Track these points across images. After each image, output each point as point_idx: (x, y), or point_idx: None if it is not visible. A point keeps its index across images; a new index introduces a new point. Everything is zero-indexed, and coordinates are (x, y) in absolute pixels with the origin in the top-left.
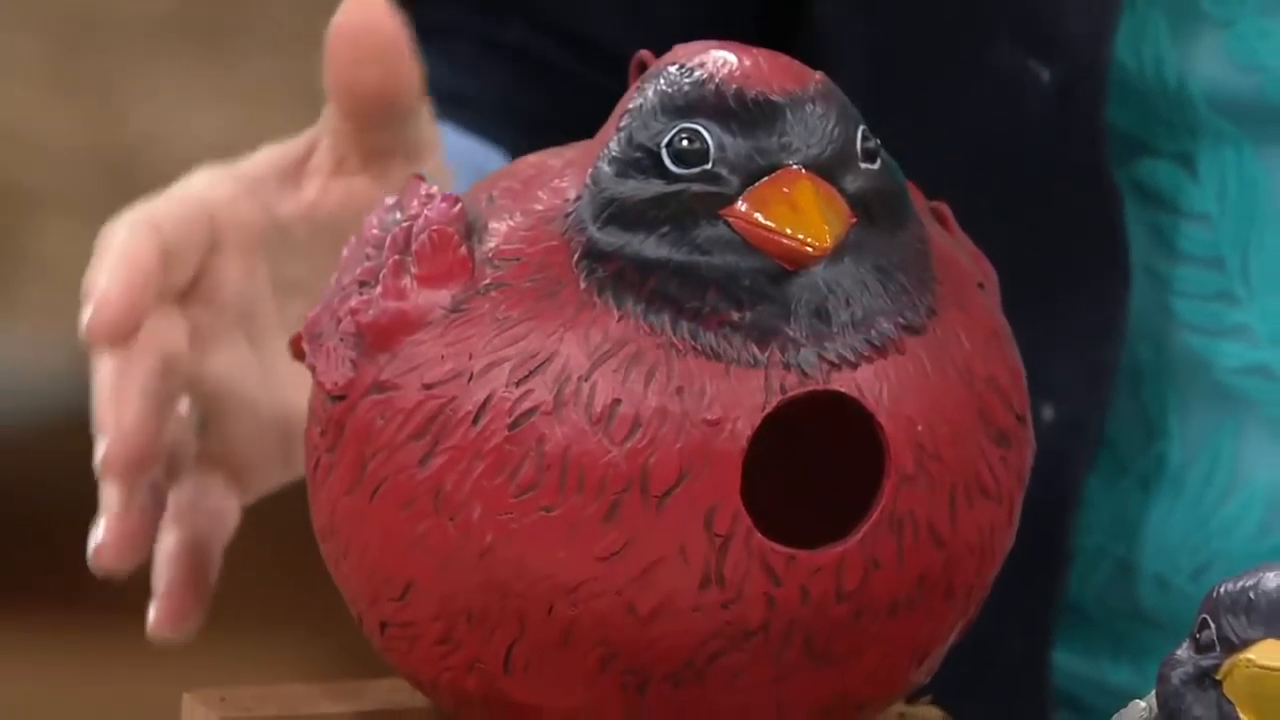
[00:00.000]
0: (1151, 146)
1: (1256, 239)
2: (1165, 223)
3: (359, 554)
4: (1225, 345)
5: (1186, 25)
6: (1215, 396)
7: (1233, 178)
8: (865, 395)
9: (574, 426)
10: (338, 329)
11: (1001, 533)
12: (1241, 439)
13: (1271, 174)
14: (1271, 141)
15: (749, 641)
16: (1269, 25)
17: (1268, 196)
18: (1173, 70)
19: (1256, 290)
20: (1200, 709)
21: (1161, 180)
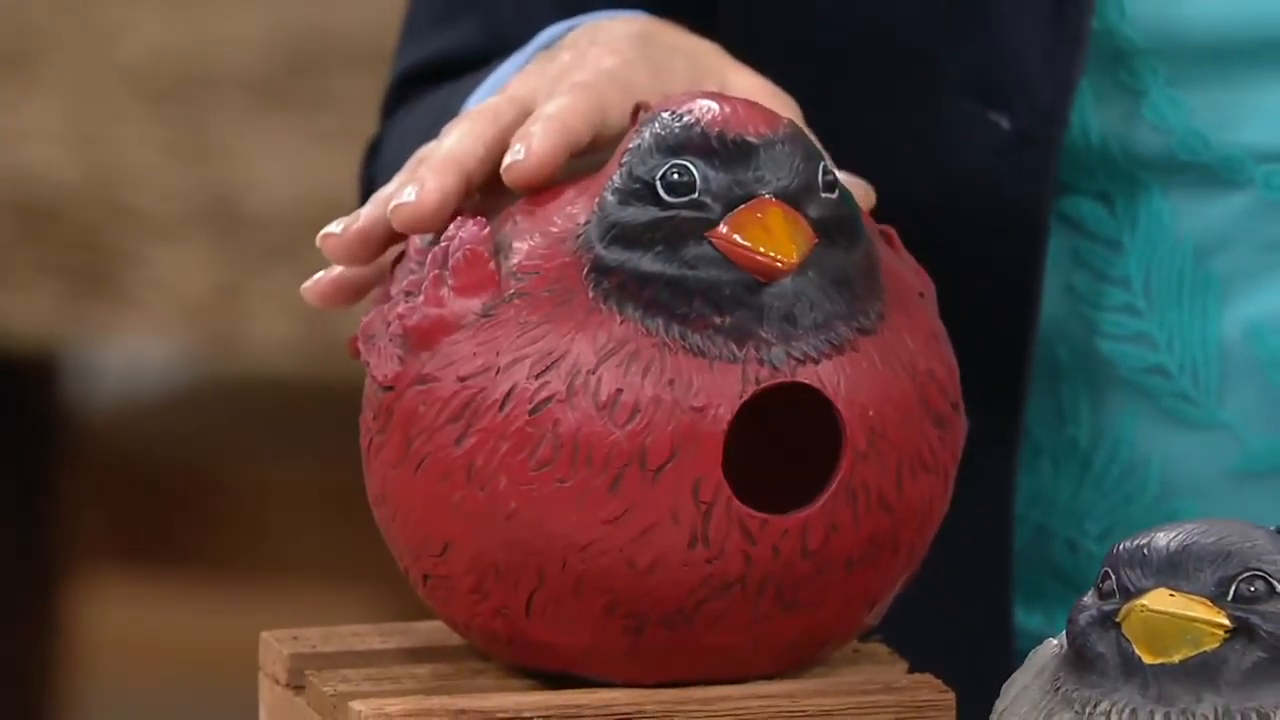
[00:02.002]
0: (1076, 186)
1: (1158, 263)
2: (1084, 248)
3: (405, 518)
4: (1130, 349)
5: (1108, 93)
6: (1120, 390)
7: (1143, 213)
8: (826, 386)
9: (584, 412)
10: (387, 331)
11: (940, 500)
12: (1141, 425)
13: (1175, 211)
14: (1176, 186)
15: (729, 591)
16: (1177, 95)
17: (1170, 229)
18: (1096, 130)
19: (1156, 305)
20: (1103, 646)
21: (1084, 213)
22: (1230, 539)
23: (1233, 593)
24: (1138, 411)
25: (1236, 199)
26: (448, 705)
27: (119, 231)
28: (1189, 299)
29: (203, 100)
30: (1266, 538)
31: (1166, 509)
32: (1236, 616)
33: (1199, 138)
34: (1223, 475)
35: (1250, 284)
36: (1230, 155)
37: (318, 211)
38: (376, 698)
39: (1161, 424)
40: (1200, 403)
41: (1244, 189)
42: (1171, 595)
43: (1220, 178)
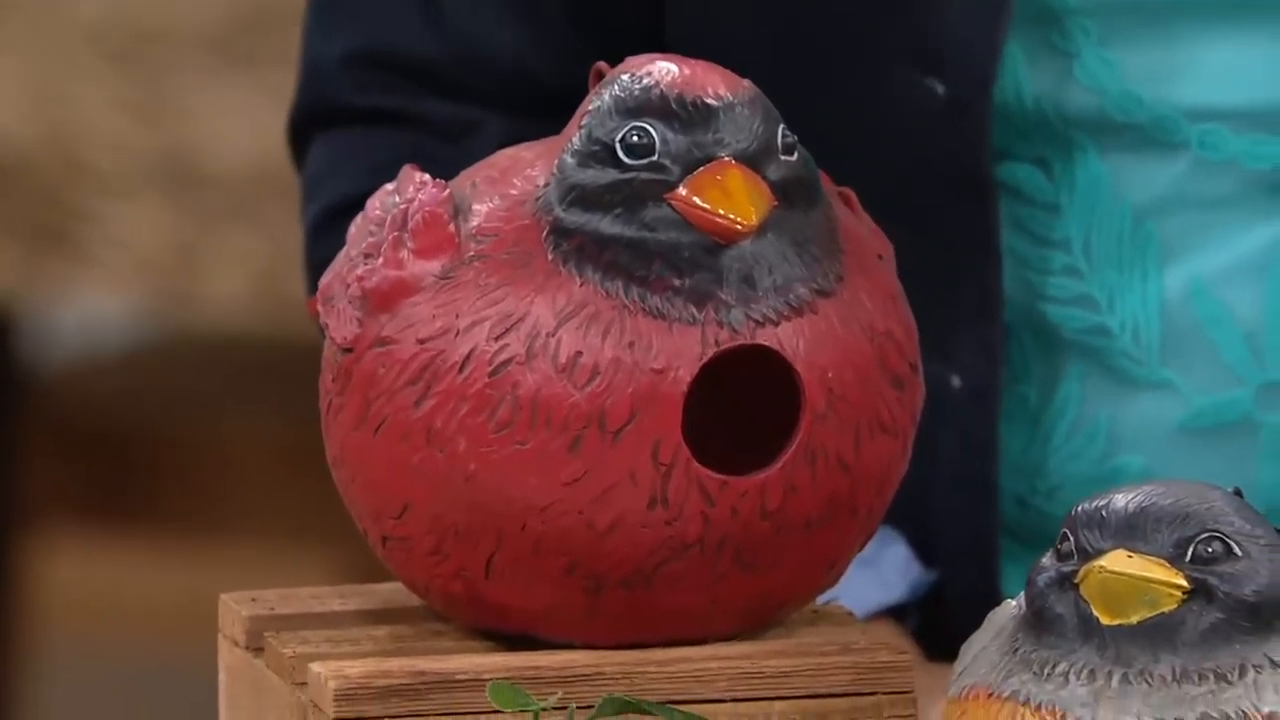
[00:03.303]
0: (1014, 152)
1: (1097, 225)
2: (1024, 213)
3: (364, 480)
4: (1073, 311)
5: (1040, 56)
6: (1065, 351)
7: (1080, 176)
8: (785, 347)
9: (543, 374)
10: (346, 293)
11: (898, 461)
12: (1087, 384)
13: (1111, 173)
14: (1112, 148)
15: (688, 552)
16: (1108, 55)
17: (1108, 191)
18: (1030, 93)
19: (1097, 266)
20: (1061, 606)
21: (1022, 178)
22: (1188, 501)
23: (1190, 554)
24: (1084, 371)
25: (1173, 160)
26: (407, 667)
27: (77, 189)
28: (1129, 260)
29: (161, 59)
30: (1224, 499)
31: (1113, 465)
32: (1194, 578)
33: (1132, 98)
34: (1168, 432)
35: (1189, 244)
36: (1164, 115)
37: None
38: (335, 659)
39: (1107, 383)
40: (1143, 361)
41: (1179, 150)
42: (1129, 557)
43: (1155, 139)
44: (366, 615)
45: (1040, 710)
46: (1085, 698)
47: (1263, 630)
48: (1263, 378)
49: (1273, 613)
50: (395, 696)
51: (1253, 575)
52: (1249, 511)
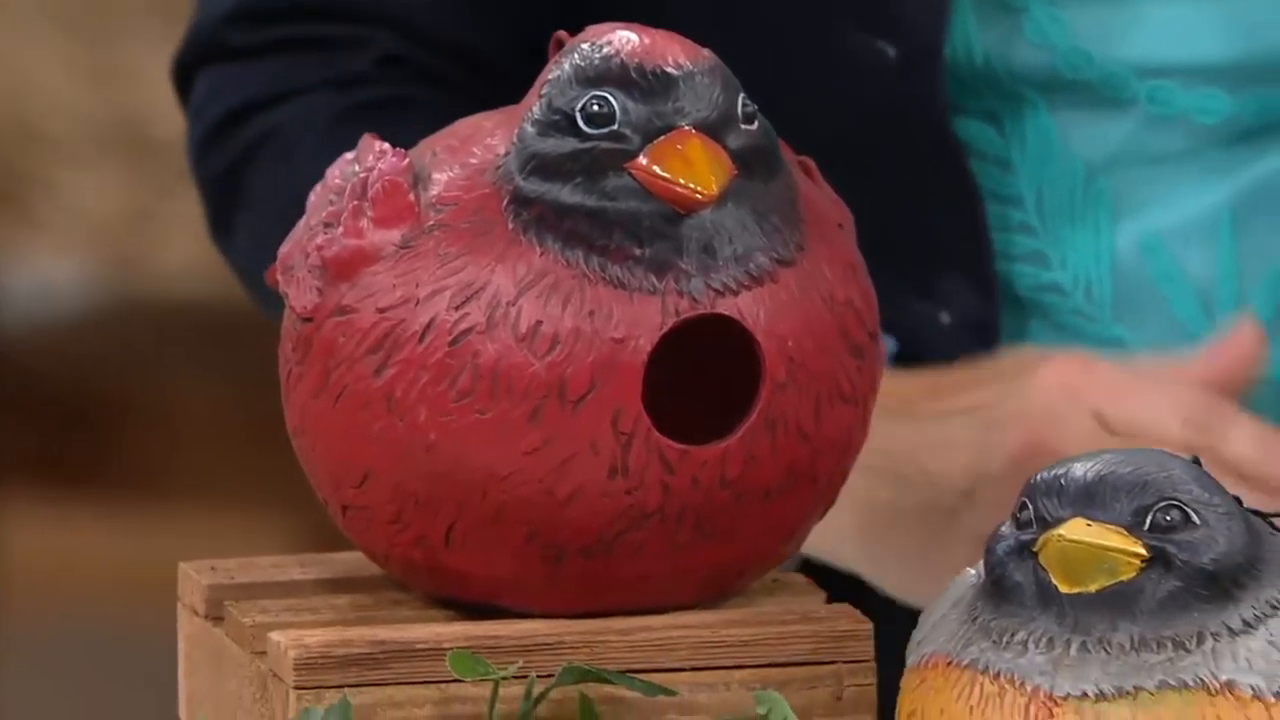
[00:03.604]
0: (965, 108)
1: (1049, 182)
2: (976, 168)
3: (324, 449)
4: (1025, 268)
5: (989, 13)
6: (1019, 307)
7: (1031, 132)
8: (745, 317)
9: (503, 344)
10: (306, 262)
11: (858, 430)
12: (1040, 340)
13: (1062, 129)
14: (1063, 105)
15: (648, 521)
16: (1057, 12)
17: (1059, 148)
18: (980, 51)
19: (1049, 223)
20: (1020, 575)
21: (973, 134)
22: (1147, 469)
23: (1149, 522)
24: (1037, 327)
25: (1123, 116)
26: (367, 636)
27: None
28: (1080, 216)
29: (113, 24)
30: (1182, 467)
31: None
32: (1152, 546)
33: (1081, 54)
34: None
35: (1140, 199)
36: (1113, 72)
37: None
38: (295, 628)
39: (1059, 339)
40: (1096, 318)
41: (1129, 106)
42: (1088, 525)
43: (1105, 95)
44: (326, 584)
45: (999, 678)
46: (1044, 665)
47: (1221, 598)
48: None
49: (1231, 580)
50: (355, 666)
51: (1211, 543)
52: (1207, 479)
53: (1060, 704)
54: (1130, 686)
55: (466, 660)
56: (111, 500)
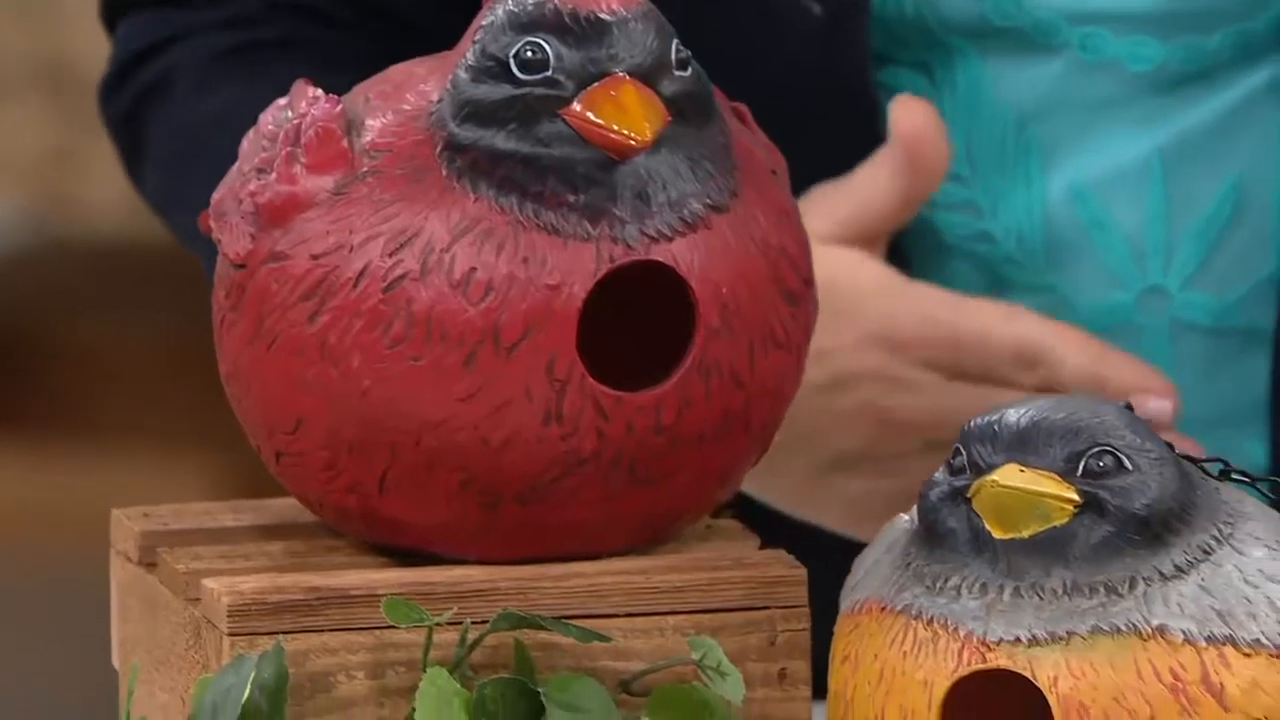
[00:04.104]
0: (894, 58)
1: (979, 130)
2: None
3: (258, 395)
4: (956, 217)
5: None
6: (951, 256)
7: (961, 81)
8: (679, 263)
9: (437, 290)
10: (239, 208)
11: (791, 376)
12: (972, 289)
13: (993, 78)
14: (992, 51)
15: (583, 468)
16: None
17: (989, 96)
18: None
19: (980, 171)
20: (954, 521)
21: (904, 83)
22: (1079, 415)
23: (1082, 468)
24: (969, 277)
25: (1053, 63)
26: (301, 583)
27: None
28: (1011, 165)
29: None
30: (1115, 413)
31: None
32: (1085, 491)
33: (1011, 1)
34: None
35: (1071, 147)
36: (1043, 18)
37: None
38: (229, 575)
39: (991, 288)
40: (1027, 267)
41: (1060, 52)
42: (1021, 471)
43: (1035, 42)
44: (260, 531)
45: (933, 623)
46: (977, 611)
47: (1152, 543)
48: (1144, 282)
49: (1163, 526)
50: (289, 612)
51: (1143, 489)
52: (1139, 425)
53: (993, 649)
54: (1063, 631)
55: (401, 607)
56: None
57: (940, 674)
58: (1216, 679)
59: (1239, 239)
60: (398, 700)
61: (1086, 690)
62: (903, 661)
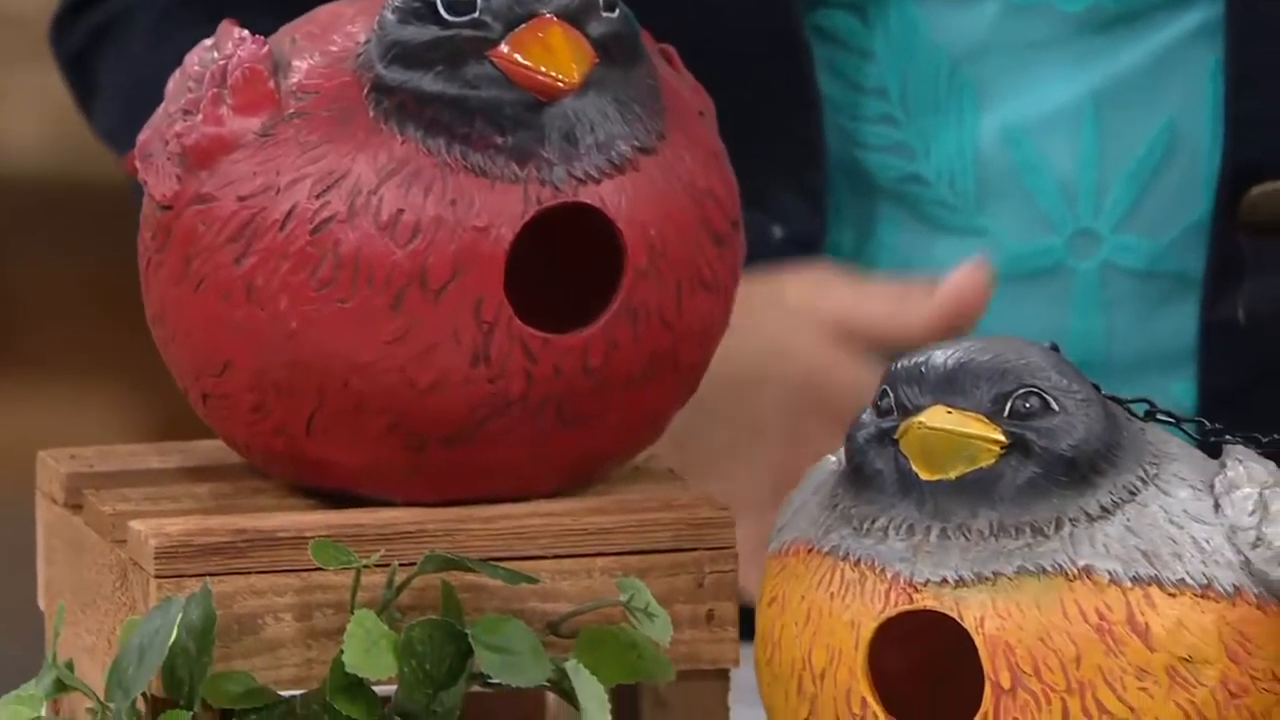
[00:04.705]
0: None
1: (912, 72)
2: (841, 60)
3: (185, 337)
4: (888, 159)
5: None
6: (881, 198)
7: (895, 22)
8: (607, 205)
9: (364, 232)
10: (165, 150)
11: (719, 318)
12: (903, 231)
13: (926, 18)
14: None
15: (511, 410)
16: None
17: (923, 37)
18: None
19: (913, 114)
20: (881, 462)
21: (838, 25)
22: (1006, 356)
23: (1008, 409)
24: (900, 218)
25: (986, 4)
26: (228, 525)
27: None
28: (944, 107)
29: None
30: (1041, 354)
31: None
32: (1011, 432)
33: None
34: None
35: (1004, 90)
36: None
37: None
38: (155, 517)
39: (923, 231)
40: (959, 209)
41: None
42: (948, 412)
43: None
44: (186, 473)
45: (859, 564)
46: (904, 552)
47: (1078, 484)
48: (1076, 225)
49: (1088, 467)
50: (216, 554)
51: (1069, 430)
52: (1066, 366)
53: (920, 590)
54: (989, 572)
55: (328, 549)
56: None
57: (867, 615)
58: (1142, 619)
59: (1170, 182)
60: (325, 642)
61: (1012, 630)
62: (830, 603)
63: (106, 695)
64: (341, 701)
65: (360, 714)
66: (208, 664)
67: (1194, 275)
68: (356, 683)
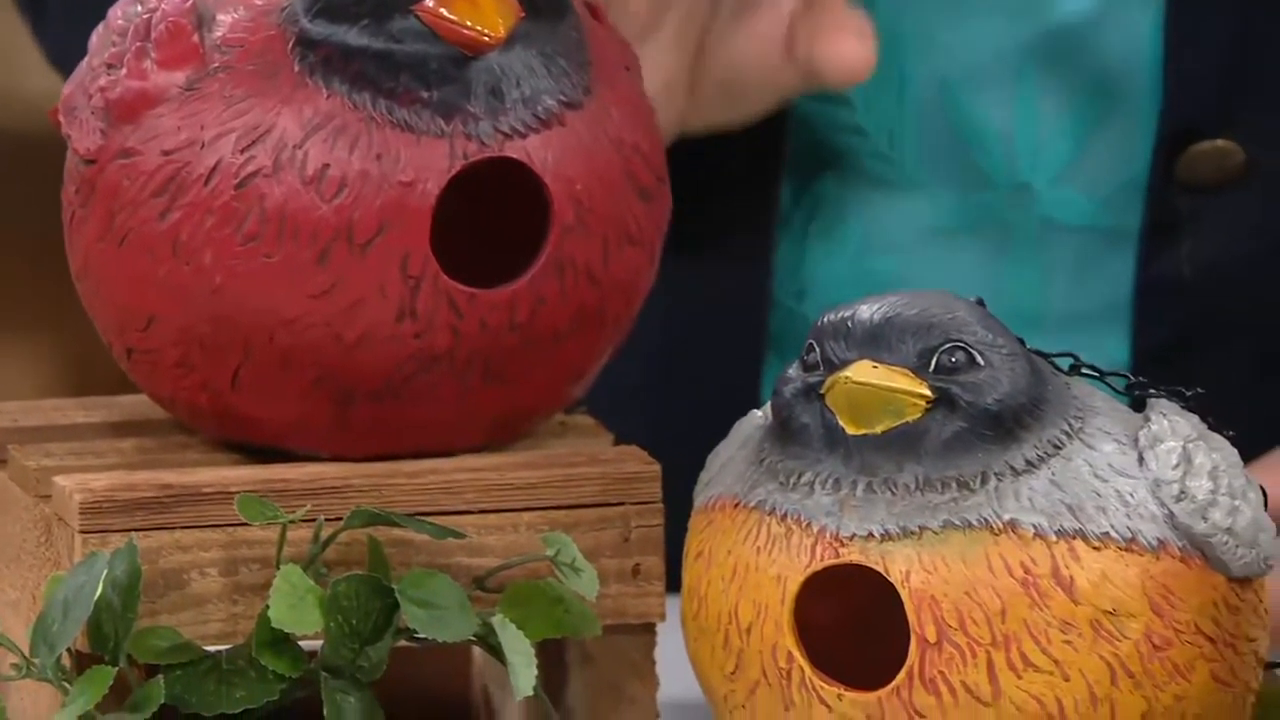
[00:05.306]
0: None
1: None
2: None
3: (109, 292)
4: (827, 109)
5: None
6: (819, 150)
7: None
8: (533, 160)
9: (290, 187)
10: (89, 104)
11: (645, 272)
12: (842, 184)
13: None
14: None
15: (437, 365)
16: None
17: None
18: None
19: None
20: (807, 417)
21: None
22: (931, 310)
23: (934, 364)
24: (837, 171)
25: None
26: (153, 480)
27: None
28: (885, 59)
29: None
30: (967, 309)
31: (865, 267)
32: (937, 387)
33: None
34: (920, 233)
35: (943, 43)
36: None
37: None
38: (80, 472)
39: (859, 183)
40: (896, 161)
41: None
42: (874, 367)
43: None
44: (111, 427)
45: (786, 519)
46: (830, 507)
47: (1004, 438)
48: (1012, 179)
49: (1014, 421)
50: (141, 510)
51: (995, 384)
52: (991, 321)
53: (846, 544)
54: (915, 526)
55: (254, 504)
56: None
57: (793, 569)
58: (1066, 572)
59: (1108, 137)
60: (251, 597)
61: (938, 584)
62: (756, 557)
63: (31, 651)
64: (267, 656)
65: (286, 669)
66: (133, 619)
67: (1131, 232)
68: (282, 638)
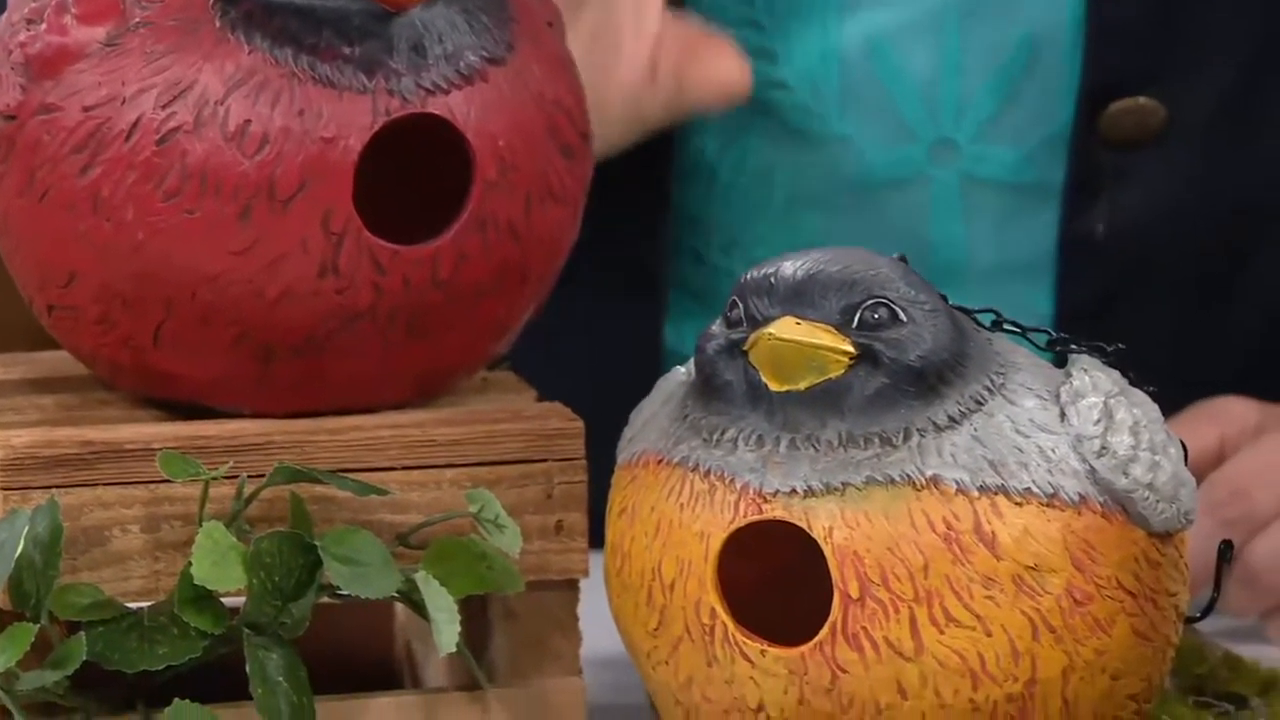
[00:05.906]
0: None
1: None
2: None
3: (29, 249)
4: (753, 64)
5: None
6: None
7: None
8: (456, 116)
9: (211, 143)
10: (9, 59)
11: (568, 229)
12: (767, 138)
13: None
14: None
15: (359, 321)
16: None
17: None
18: None
19: (778, 19)
20: (730, 374)
21: None
22: (854, 267)
23: (857, 320)
24: (762, 125)
25: None
26: (74, 436)
27: None
28: (808, 12)
29: None
30: (889, 266)
31: (791, 222)
32: (860, 343)
33: None
34: (844, 187)
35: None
36: None
37: None
38: (0, 429)
39: (784, 137)
40: (821, 115)
41: None
42: (798, 323)
43: None
44: (31, 384)
45: (709, 475)
46: (753, 463)
47: (927, 394)
48: (936, 134)
49: (936, 377)
50: (63, 466)
51: (917, 340)
52: (913, 277)
53: (770, 500)
54: (838, 482)
55: (176, 461)
56: None
57: (717, 526)
58: (989, 528)
59: (1031, 93)
60: (173, 554)
61: (861, 540)
62: (679, 514)
63: None
64: (189, 613)
65: (208, 626)
66: (54, 576)
67: (1054, 187)
68: (205, 594)
